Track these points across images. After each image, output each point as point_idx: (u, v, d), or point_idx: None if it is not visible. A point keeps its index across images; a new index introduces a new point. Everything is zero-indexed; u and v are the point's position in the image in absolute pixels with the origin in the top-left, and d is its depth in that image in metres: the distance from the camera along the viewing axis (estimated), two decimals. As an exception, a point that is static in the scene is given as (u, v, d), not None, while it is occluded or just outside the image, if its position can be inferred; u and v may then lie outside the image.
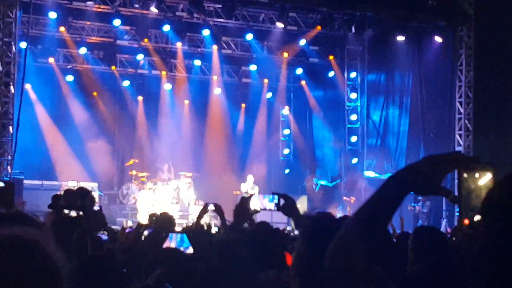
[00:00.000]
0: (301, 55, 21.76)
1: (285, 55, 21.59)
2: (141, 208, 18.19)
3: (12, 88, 16.48)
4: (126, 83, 21.23)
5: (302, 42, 20.95)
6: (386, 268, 1.95)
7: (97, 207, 6.23)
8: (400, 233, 6.92)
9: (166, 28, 19.64)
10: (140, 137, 21.58)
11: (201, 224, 5.53)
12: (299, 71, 22.47)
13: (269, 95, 22.93)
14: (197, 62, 21.42)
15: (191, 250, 4.87)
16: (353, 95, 22.17)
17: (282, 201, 4.41)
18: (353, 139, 22.05)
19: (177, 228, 6.66)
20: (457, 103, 19.40)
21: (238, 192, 18.77)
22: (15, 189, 11.22)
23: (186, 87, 21.89)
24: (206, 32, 20.11)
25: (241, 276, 3.70)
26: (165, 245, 5.00)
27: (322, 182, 21.60)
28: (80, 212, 5.49)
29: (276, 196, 4.48)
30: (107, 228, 5.97)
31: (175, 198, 19.13)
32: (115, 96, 21.37)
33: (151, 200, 18.39)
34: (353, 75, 22.22)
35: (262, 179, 20.70)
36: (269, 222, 6.31)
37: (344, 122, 22.13)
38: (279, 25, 20.00)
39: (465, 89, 19.23)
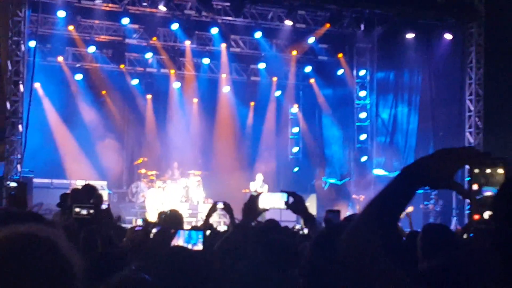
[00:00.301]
0: (310, 53, 21.70)
1: (294, 53, 21.54)
2: (150, 206, 18.22)
3: (21, 87, 16.55)
4: (135, 82, 21.25)
5: (311, 40, 20.90)
6: (396, 266, 1.93)
7: (105, 205, 6.24)
8: (409, 232, 6.88)
9: (175, 26, 19.64)
10: (149, 136, 21.61)
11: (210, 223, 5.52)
12: (308, 69, 22.42)
13: (278, 93, 22.90)
14: (206, 61, 21.40)
15: (199, 247, 4.86)
16: (362, 93, 22.12)
17: (291, 199, 4.40)
18: (362, 137, 22.01)
19: (186, 227, 6.66)
20: (467, 101, 19.31)
21: (247, 191, 18.78)
22: (27, 189, 11.30)
23: (195, 86, 21.89)
24: (214, 30, 20.11)
25: (249, 274, 3.69)
26: (173, 242, 4.98)
27: (331, 180, 21.55)
28: (91, 210, 5.50)
29: (285, 194, 4.47)
30: (116, 226, 5.98)
31: (184, 196, 19.16)
32: (124, 95, 21.38)
33: (160, 198, 18.41)
34: (362, 73, 22.17)
35: (271, 177, 20.70)
36: (278, 221, 6.33)
37: (353, 120, 22.09)
38: (288, 23, 19.98)
39: (475, 86, 19.14)
